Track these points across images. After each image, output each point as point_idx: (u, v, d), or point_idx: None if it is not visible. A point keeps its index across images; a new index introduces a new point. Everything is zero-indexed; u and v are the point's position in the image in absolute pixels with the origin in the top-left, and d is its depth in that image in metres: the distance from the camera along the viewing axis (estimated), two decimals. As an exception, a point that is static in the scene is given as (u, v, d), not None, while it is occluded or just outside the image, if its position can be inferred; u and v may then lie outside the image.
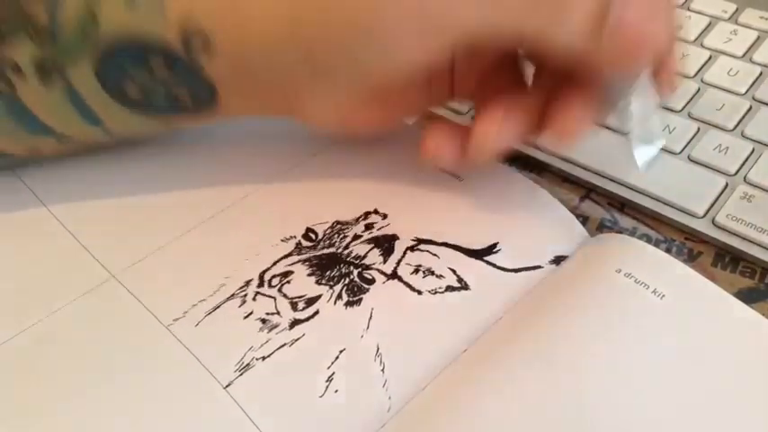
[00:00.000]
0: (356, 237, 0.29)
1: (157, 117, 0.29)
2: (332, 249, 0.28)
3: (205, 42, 0.25)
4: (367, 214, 0.30)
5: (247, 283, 0.27)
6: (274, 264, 0.28)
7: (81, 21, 0.26)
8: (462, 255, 0.28)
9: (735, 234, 0.30)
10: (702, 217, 0.31)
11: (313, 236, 0.29)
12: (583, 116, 0.26)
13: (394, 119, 0.31)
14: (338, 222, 0.29)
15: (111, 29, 0.26)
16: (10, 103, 0.27)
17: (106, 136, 0.30)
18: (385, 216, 0.30)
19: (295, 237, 0.29)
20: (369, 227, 0.29)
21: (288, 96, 0.28)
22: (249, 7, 0.25)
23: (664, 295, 0.27)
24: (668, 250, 0.30)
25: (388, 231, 0.29)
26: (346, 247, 0.29)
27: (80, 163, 0.32)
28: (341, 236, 0.29)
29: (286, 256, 0.28)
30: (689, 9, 0.40)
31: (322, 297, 0.27)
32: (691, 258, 0.30)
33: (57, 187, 0.31)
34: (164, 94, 0.27)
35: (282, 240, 0.29)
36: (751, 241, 0.29)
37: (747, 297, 0.28)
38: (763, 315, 0.26)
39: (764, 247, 0.29)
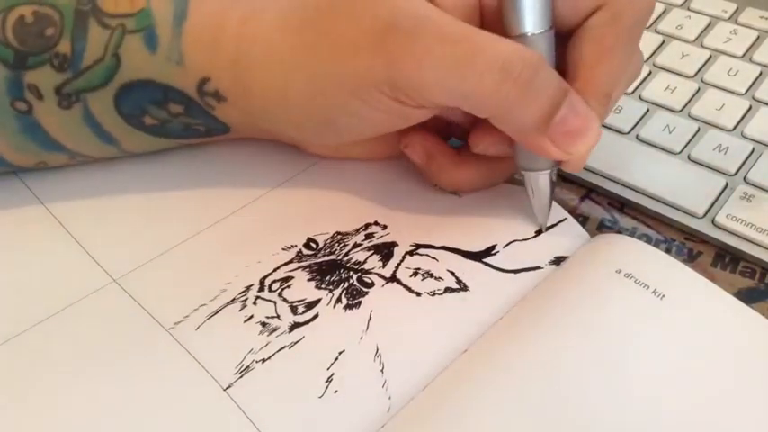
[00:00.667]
0: (356, 245, 0.29)
1: (173, 140, 0.30)
2: (332, 257, 0.29)
3: (217, 96, 0.28)
4: (367, 225, 0.30)
5: (248, 287, 0.28)
6: (275, 270, 0.28)
7: (103, 59, 0.27)
8: (461, 257, 0.29)
9: (735, 234, 0.30)
10: (702, 217, 0.31)
11: (314, 245, 0.29)
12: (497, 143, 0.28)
13: (393, 152, 0.32)
14: (339, 233, 0.30)
15: (131, 70, 0.27)
16: (26, 122, 0.28)
17: (120, 153, 0.31)
18: (385, 227, 0.30)
19: (296, 246, 0.29)
20: (369, 236, 0.29)
21: (290, 137, 0.31)
22: (252, 81, 0.27)
23: (664, 295, 0.27)
24: (668, 250, 0.30)
25: (388, 240, 0.29)
26: (346, 254, 0.29)
27: (83, 167, 0.32)
28: (341, 245, 0.29)
29: (286, 263, 0.28)
30: (689, 9, 0.40)
31: (321, 301, 0.27)
32: (691, 258, 0.30)
33: (59, 189, 0.31)
34: (179, 124, 0.29)
35: (284, 249, 0.29)
36: (751, 241, 0.29)
37: (747, 297, 0.28)
38: (763, 315, 0.26)
39: (764, 247, 0.29)
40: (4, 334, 0.26)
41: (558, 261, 0.29)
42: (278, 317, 0.26)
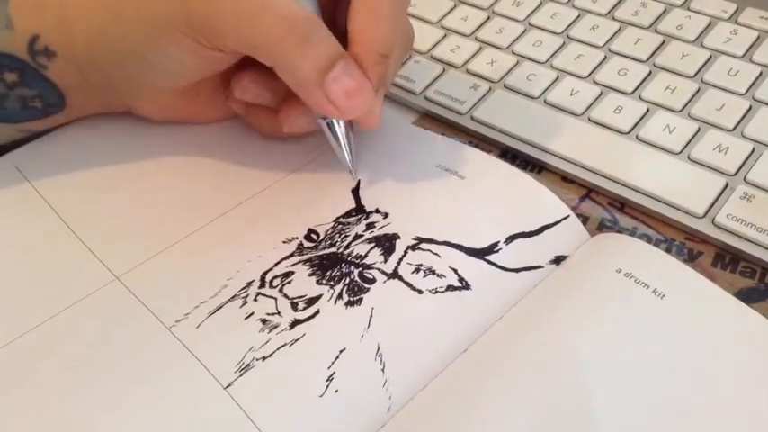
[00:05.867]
0: (357, 236, 0.29)
1: (10, 125, 0.31)
2: (333, 249, 0.28)
3: (48, 52, 0.29)
4: (368, 214, 0.30)
5: (249, 284, 0.27)
6: (276, 265, 0.28)
7: None
8: (463, 254, 0.28)
9: (735, 234, 0.30)
10: (702, 217, 0.31)
11: (315, 236, 0.29)
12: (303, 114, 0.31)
13: (220, 113, 0.34)
14: (339, 222, 0.29)
15: None
16: None
17: None
18: (386, 215, 0.30)
19: (297, 238, 0.29)
20: (370, 226, 0.29)
21: (120, 96, 0.32)
22: (76, 29, 0.29)
23: (664, 295, 0.27)
24: (668, 250, 0.30)
25: (390, 231, 0.29)
26: (347, 246, 0.29)
27: (87, 166, 0.32)
28: (342, 235, 0.29)
29: (287, 257, 0.28)
30: (689, 9, 0.40)
31: (322, 297, 0.27)
32: (691, 258, 0.30)
33: (63, 189, 0.31)
34: (17, 100, 0.30)
35: (284, 242, 0.29)
36: (751, 241, 0.29)
37: (747, 297, 0.28)
38: (763, 315, 0.26)
39: (764, 247, 0.29)
40: (8, 333, 0.26)
41: (558, 260, 0.29)
42: (278, 313, 0.26)
